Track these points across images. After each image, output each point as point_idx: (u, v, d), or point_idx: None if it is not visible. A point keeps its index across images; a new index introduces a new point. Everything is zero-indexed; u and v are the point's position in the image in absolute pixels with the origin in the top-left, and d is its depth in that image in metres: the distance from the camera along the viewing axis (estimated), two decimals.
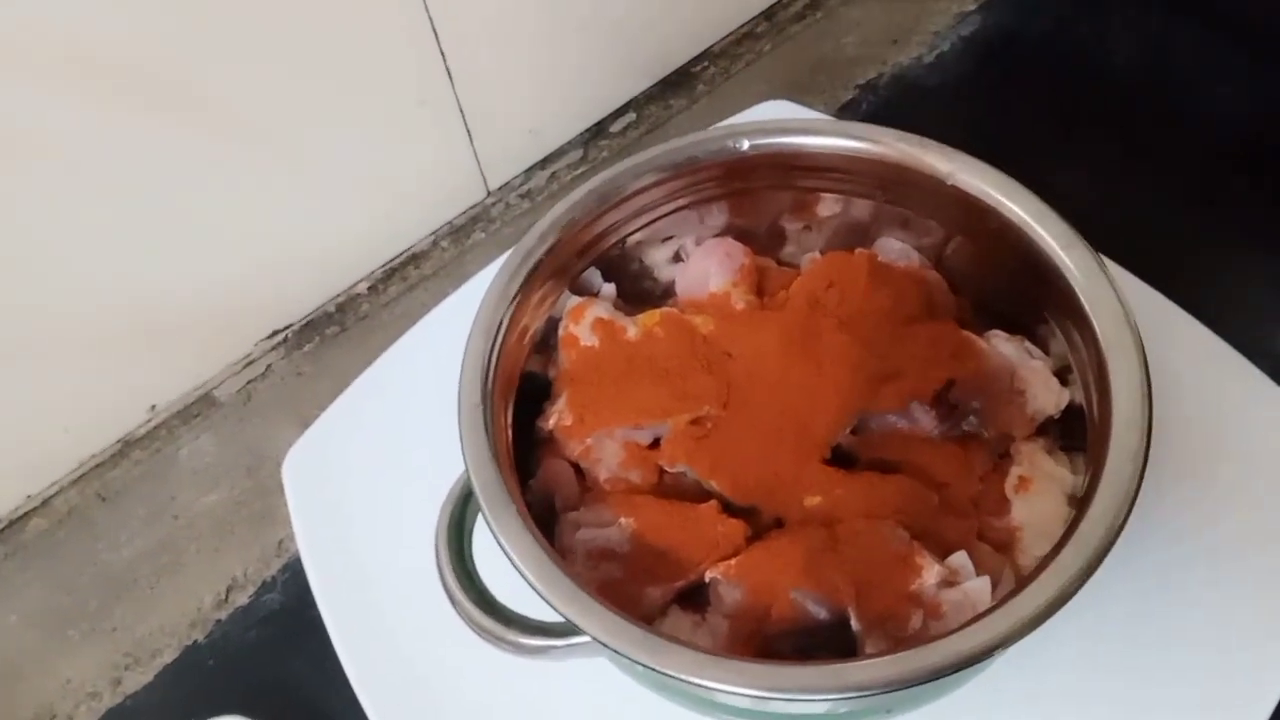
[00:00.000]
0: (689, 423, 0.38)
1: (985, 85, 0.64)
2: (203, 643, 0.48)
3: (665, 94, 0.65)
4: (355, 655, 0.42)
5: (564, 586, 0.32)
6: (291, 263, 0.55)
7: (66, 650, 0.49)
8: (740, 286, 0.43)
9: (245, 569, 0.50)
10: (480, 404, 0.37)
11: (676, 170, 0.43)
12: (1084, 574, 0.31)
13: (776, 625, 0.35)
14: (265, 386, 0.56)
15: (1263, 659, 0.38)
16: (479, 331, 0.38)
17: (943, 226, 0.43)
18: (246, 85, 0.47)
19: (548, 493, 0.40)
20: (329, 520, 0.46)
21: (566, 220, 0.41)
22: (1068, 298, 0.37)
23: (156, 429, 0.54)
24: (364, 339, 0.57)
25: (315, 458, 0.48)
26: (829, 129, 0.43)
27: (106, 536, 0.52)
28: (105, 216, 0.46)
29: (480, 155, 0.58)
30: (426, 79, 0.52)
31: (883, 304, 0.40)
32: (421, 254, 0.60)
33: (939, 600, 0.34)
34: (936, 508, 0.37)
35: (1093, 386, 0.36)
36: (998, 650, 0.30)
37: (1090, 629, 0.39)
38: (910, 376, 0.39)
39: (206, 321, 0.53)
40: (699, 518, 0.37)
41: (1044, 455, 0.39)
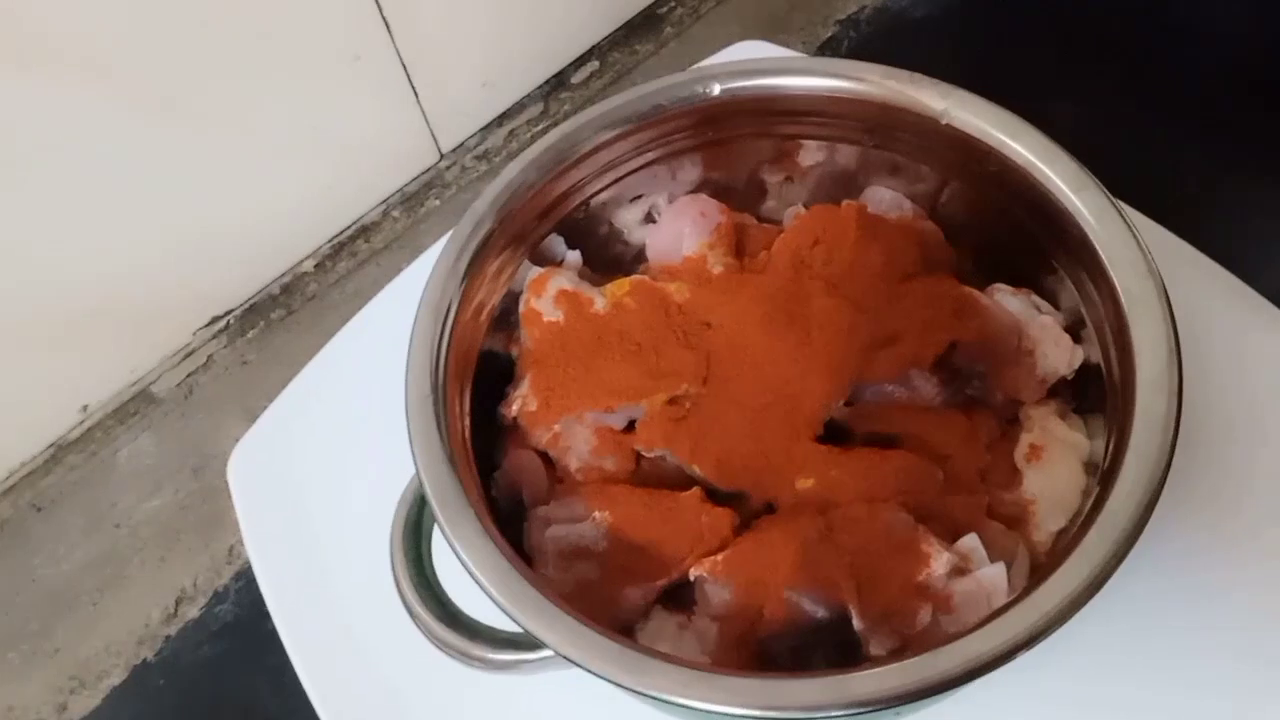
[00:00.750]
0: (666, 402, 0.36)
1: (975, 15, 0.62)
2: (152, 661, 0.46)
3: (630, 39, 0.62)
4: (315, 671, 0.40)
5: (526, 596, 0.30)
6: (229, 242, 0.52)
7: (6, 675, 0.47)
8: (717, 248, 0.41)
9: (195, 579, 0.48)
10: (430, 395, 0.34)
11: (643, 121, 0.40)
12: (1114, 559, 0.28)
13: (770, 627, 0.32)
14: (207, 379, 0.54)
15: None
16: (426, 312, 0.36)
17: (937, 172, 0.40)
18: (164, 48, 0.43)
19: (514, 486, 0.38)
20: (281, 523, 0.44)
21: (521, 182, 0.38)
22: (1080, 246, 0.34)
23: (91, 431, 0.52)
24: (313, 322, 0.55)
25: (263, 455, 0.46)
26: (809, 68, 0.40)
27: (43, 550, 0.50)
28: (19, 200, 0.43)
29: (429, 114, 0.55)
30: (360, 29, 0.49)
31: (874, 261, 0.37)
32: (371, 225, 0.57)
33: (950, 591, 0.32)
34: (941, 484, 0.35)
35: (1111, 344, 0.34)
36: (1021, 651, 0.27)
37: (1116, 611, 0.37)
38: (908, 340, 0.36)
39: (139, 309, 0.50)
40: (681, 508, 0.34)
41: (1056, 420, 0.37)
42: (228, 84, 0.46)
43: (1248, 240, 0.47)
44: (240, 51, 0.45)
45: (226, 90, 0.46)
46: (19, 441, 0.50)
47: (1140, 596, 0.37)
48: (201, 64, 0.45)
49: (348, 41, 0.48)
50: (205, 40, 0.44)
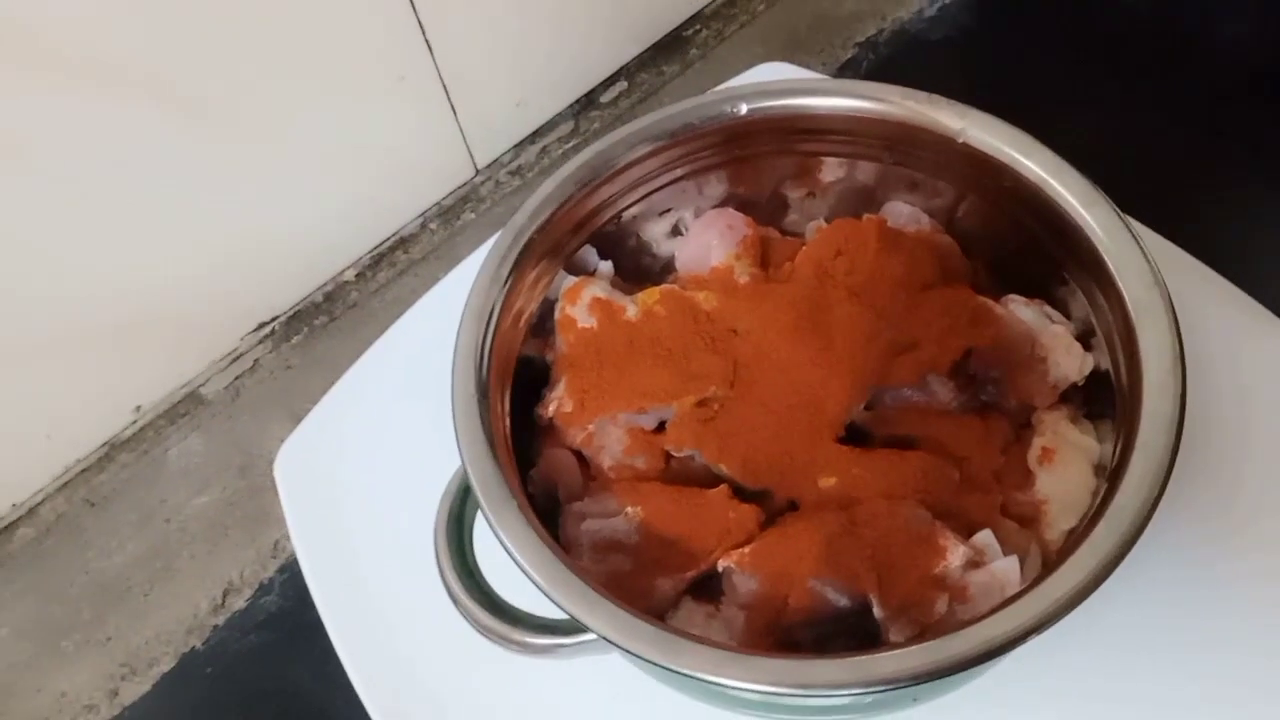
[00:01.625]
0: (695, 404, 0.37)
1: (990, 36, 0.63)
2: (200, 650, 0.47)
3: (657, 60, 0.64)
4: (358, 658, 0.41)
5: (569, 583, 0.31)
6: (275, 252, 0.53)
7: (61, 663, 0.48)
8: (744, 259, 0.42)
9: (241, 571, 0.49)
10: (475, 394, 0.35)
11: (672, 139, 0.41)
12: (1120, 551, 0.29)
13: (795, 615, 0.33)
14: (254, 382, 0.55)
15: None
16: (471, 317, 0.37)
17: (953, 187, 0.41)
18: (218, 69, 0.45)
19: (550, 483, 0.39)
20: (325, 519, 0.45)
21: (558, 196, 0.40)
22: (1090, 258, 0.36)
23: (143, 430, 0.53)
24: (354, 328, 0.56)
25: (308, 454, 0.47)
26: (832, 89, 0.41)
27: (97, 544, 0.51)
28: (78, 212, 0.45)
29: (466, 131, 0.56)
30: (404, 52, 0.50)
31: (894, 271, 0.38)
32: (410, 237, 0.58)
33: (965, 583, 0.33)
34: (958, 484, 0.36)
35: (1120, 350, 0.35)
36: (1031, 636, 0.28)
37: (1119, 605, 0.38)
38: (926, 347, 0.37)
39: (190, 317, 0.52)
40: (709, 504, 0.36)
41: (1068, 424, 0.38)
42: (280, 103, 0.48)
43: (1256, 249, 0.48)
44: (294, 72, 0.47)
45: (278, 109, 0.48)
46: (75, 440, 0.51)
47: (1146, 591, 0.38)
48: (255, 84, 0.46)
49: (393, 63, 0.50)
50: (260, 62, 0.46)
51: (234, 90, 0.46)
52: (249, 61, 0.46)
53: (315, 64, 0.48)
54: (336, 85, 0.49)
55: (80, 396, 0.50)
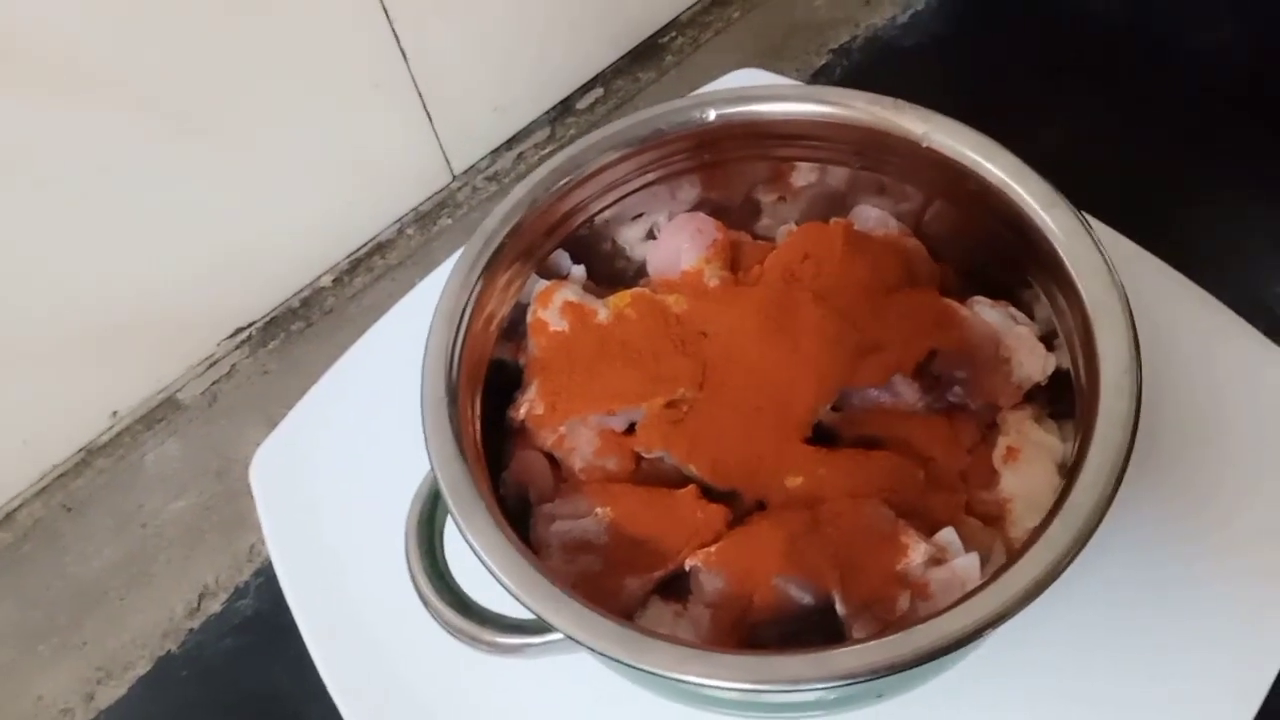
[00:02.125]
0: (664, 406, 0.37)
1: (962, 43, 0.63)
2: (177, 653, 0.47)
3: (633, 67, 0.64)
4: (332, 661, 0.41)
5: (535, 583, 0.31)
6: (252, 258, 0.54)
7: (37, 666, 0.48)
8: (713, 263, 0.42)
9: (217, 576, 0.49)
10: (444, 397, 0.36)
11: (643, 144, 0.41)
12: (1075, 546, 0.30)
13: (760, 613, 0.34)
14: (230, 387, 0.55)
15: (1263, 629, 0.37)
16: (441, 321, 0.37)
17: (920, 191, 0.42)
18: (192, 75, 0.45)
19: (521, 485, 0.39)
20: (300, 522, 0.45)
21: (529, 201, 0.40)
22: (1051, 259, 0.36)
23: (120, 435, 0.53)
24: (331, 334, 0.56)
25: (283, 458, 0.47)
26: (798, 95, 0.42)
27: (74, 548, 0.51)
28: (59, 219, 0.45)
29: (442, 138, 0.56)
30: (379, 59, 0.51)
31: (860, 274, 0.39)
32: (387, 243, 0.59)
33: (927, 579, 0.33)
34: (923, 483, 0.36)
35: (1079, 351, 0.35)
36: (988, 630, 0.29)
37: (1084, 603, 0.39)
38: (891, 348, 0.38)
39: (166, 322, 0.52)
40: (678, 504, 0.36)
41: (1032, 424, 0.38)
42: (255, 111, 0.48)
43: (1225, 253, 0.48)
44: (268, 80, 0.47)
45: (254, 117, 0.48)
46: (52, 445, 0.51)
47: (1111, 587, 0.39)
48: (230, 93, 0.46)
49: (368, 71, 0.50)
50: (237, 72, 0.46)
51: (212, 99, 0.46)
52: (226, 72, 0.46)
53: (292, 73, 0.48)
54: (312, 93, 0.49)
55: (58, 402, 0.50)
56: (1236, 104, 0.57)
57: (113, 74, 0.42)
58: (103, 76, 0.42)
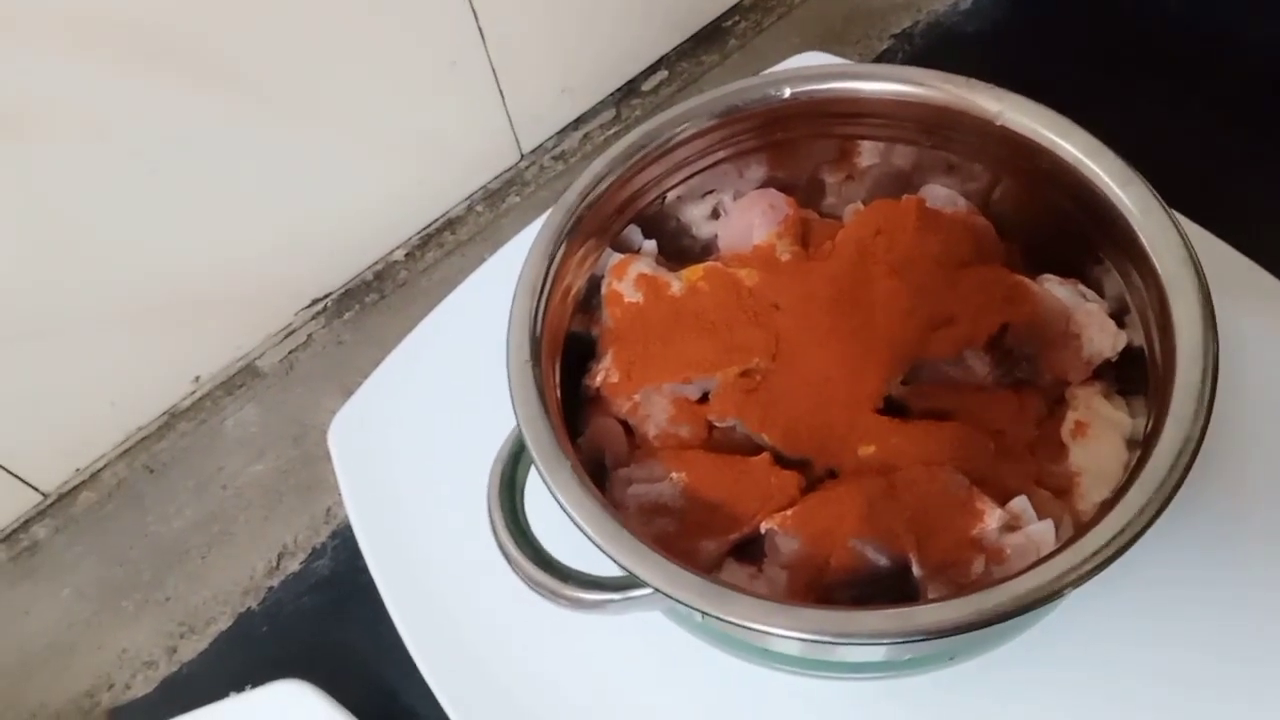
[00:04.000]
0: (738, 375, 0.38)
1: (1024, 29, 0.63)
2: (256, 610, 0.49)
3: (697, 50, 0.64)
4: (409, 618, 0.43)
5: (623, 538, 0.32)
6: (328, 233, 0.55)
7: (121, 621, 0.50)
8: (785, 238, 0.43)
9: (295, 536, 0.51)
10: (529, 361, 0.36)
11: (716, 121, 0.42)
12: (1151, 513, 0.30)
13: (835, 575, 0.34)
14: (307, 356, 0.56)
15: None
16: (524, 290, 0.38)
17: (989, 170, 0.42)
18: (276, 52, 0.46)
19: (597, 451, 0.40)
20: (376, 486, 0.46)
21: (605, 175, 0.41)
22: (1125, 236, 0.36)
23: (201, 400, 0.55)
24: (403, 306, 0.57)
25: (360, 424, 0.48)
26: (872, 73, 0.42)
27: (156, 508, 0.52)
28: (141, 190, 0.46)
29: (513, 117, 0.57)
30: (458, 39, 0.52)
31: (932, 249, 0.39)
32: (457, 219, 0.60)
33: (1002, 545, 0.34)
34: (993, 454, 0.37)
35: (1154, 325, 0.36)
36: (1066, 590, 0.29)
37: (1154, 577, 0.39)
38: (963, 322, 0.38)
39: (246, 292, 0.54)
40: (751, 470, 0.37)
41: (1101, 399, 0.39)
42: (336, 89, 0.49)
43: None
44: (349, 59, 0.49)
45: (334, 95, 0.49)
46: (136, 409, 0.53)
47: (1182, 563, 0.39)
48: (312, 71, 0.48)
49: (447, 50, 0.52)
50: (318, 49, 0.47)
51: (293, 76, 0.47)
52: (308, 48, 0.47)
53: (371, 50, 0.49)
54: (392, 72, 0.51)
55: (143, 367, 0.52)
56: None
57: (195, 47, 0.44)
58: (187, 50, 0.43)
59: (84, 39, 0.40)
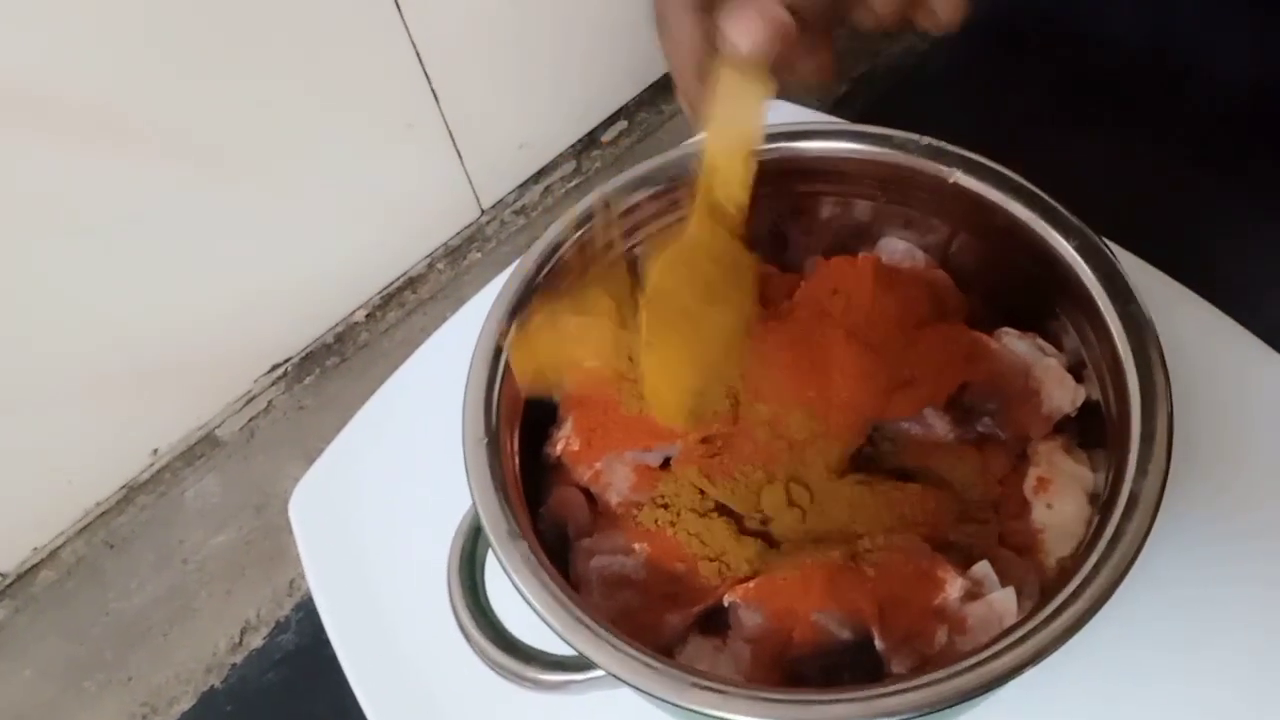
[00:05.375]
0: (698, 441, 0.38)
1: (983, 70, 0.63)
2: (220, 688, 0.48)
3: (656, 99, 0.65)
4: (374, 696, 0.42)
5: (578, 621, 0.32)
6: (287, 295, 0.54)
7: (83, 702, 0.49)
8: None
9: (258, 610, 0.50)
10: (484, 437, 0.36)
11: (670, 184, 0.42)
12: (1111, 585, 0.30)
13: (800, 648, 0.34)
14: (268, 423, 0.56)
15: None
16: (480, 361, 0.38)
17: (946, 224, 0.42)
18: (228, 117, 0.46)
19: (560, 520, 0.39)
20: (339, 557, 0.46)
21: (561, 242, 0.40)
22: (1078, 292, 0.36)
23: (160, 472, 0.54)
24: (365, 368, 0.57)
25: (322, 493, 0.48)
26: (825, 132, 0.42)
27: (117, 585, 0.51)
28: (93, 259, 0.46)
29: (471, 174, 0.57)
30: (412, 100, 0.52)
31: (890, 309, 0.39)
32: (418, 278, 0.59)
33: (964, 614, 0.33)
34: (956, 515, 0.37)
35: (1109, 383, 0.35)
36: (1028, 668, 0.29)
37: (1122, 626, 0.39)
38: (923, 382, 0.38)
39: (204, 360, 0.53)
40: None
41: (1062, 454, 0.38)
42: (292, 154, 0.49)
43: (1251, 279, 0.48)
44: (305, 124, 0.48)
45: (290, 159, 0.49)
46: (94, 483, 0.52)
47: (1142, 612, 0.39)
48: (268, 136, 0.48)
49: (401, 111, 0.51)
50: (272, 115, 0.47)
51: (247, 142, 0.47)
52: (261, 115, 0.47)
53: (326, 115, 0.49)
54: (347, 134, 0.51)
55: (100, 441, 0.51)
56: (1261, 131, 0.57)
57: (147, 121, 0.43)
58: (137, 124, 0.43)
59: (25, 111, 0.40)
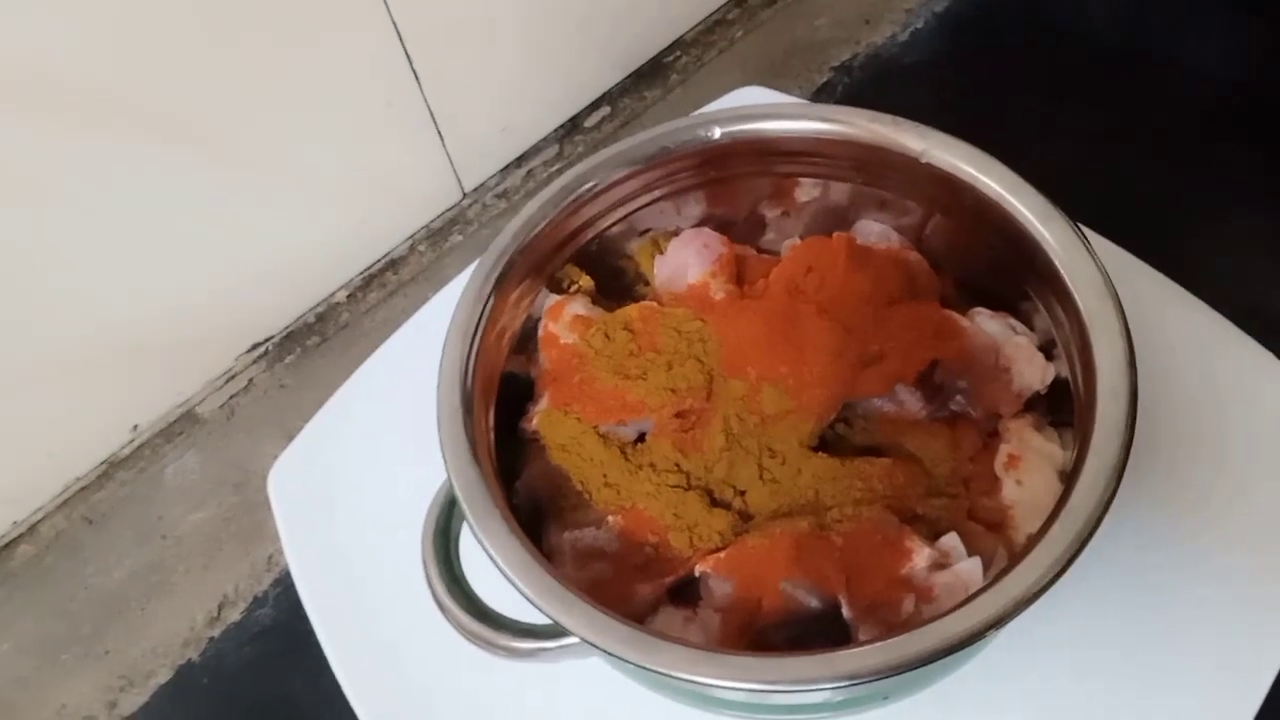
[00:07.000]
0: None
1: (962, 60, 0.64)
2: (197, 662, 0.48)
3: (639, 85, 0.65)
4: (350, 669, 0.42)
5: (549, 587, 0.32)
6: (269, 275, 0.55)
7: (60, 676, 0.49)
8: (719, 276, 0.43)
9: (236, 585, 0.50)
10: (460, 408, 0.36)
11: (649, 162, 0.42)
12: (1074, 549, 0.30)
13: (768, 617, 0.34)
14: (248, 401, 0.56)
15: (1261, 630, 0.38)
16: (455, 335, 0.38)
17: (921, 205, 0.42)
18: (210, 99, 0.46)
19: (534, 495, 0.39)
20: (317, 533, 0.46)
21: (540, 218, 0.41)
22: (1048, 271, 0.37)
23: (140, 449, 0.54)
24: (345, 348, 0.57)
25: (300, 470, 0.48)
26: (800, 113, 0.42)
27: (95, 560, 0.52)
28: (76, 238, 0.46)
29: (453, 156, 0.57)
30: (392, 80, 0.52)
31: (862, 287, 0.40)
32: (399, 259, 0.60)
33: (931, 583, 0.34)
34: (926, 490, 0.37)
35: (1077, 360, 0.36)
36: (990, 631, 0.29)
37: (1085, 606, 0.39)
38: (893, 359, 0.38)
39: (186, 338, 0.53)
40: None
41: (1032, 432, 0.39)
42: (272, 133, 0.49)
43: (1220, 266, 0.49)
44: (285, 103, 0.48)
45: (271, 139, 0.49)
46: (74, 458, 0.52)
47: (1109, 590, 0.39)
48: (248, 116, 0.48)
49: (381, 91, 0.52)
50: (252, 94, 0.47)
51: (228, 122, 0.47)
52: (242, 94, 0.47)
53: (307, 95, 0.49)
54: (328, 114, 0.51)
55: (80, 417, 0.51)
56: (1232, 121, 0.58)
57: (130, 102, 0.43)
58: (123, 104, 0.43)
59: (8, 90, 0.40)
